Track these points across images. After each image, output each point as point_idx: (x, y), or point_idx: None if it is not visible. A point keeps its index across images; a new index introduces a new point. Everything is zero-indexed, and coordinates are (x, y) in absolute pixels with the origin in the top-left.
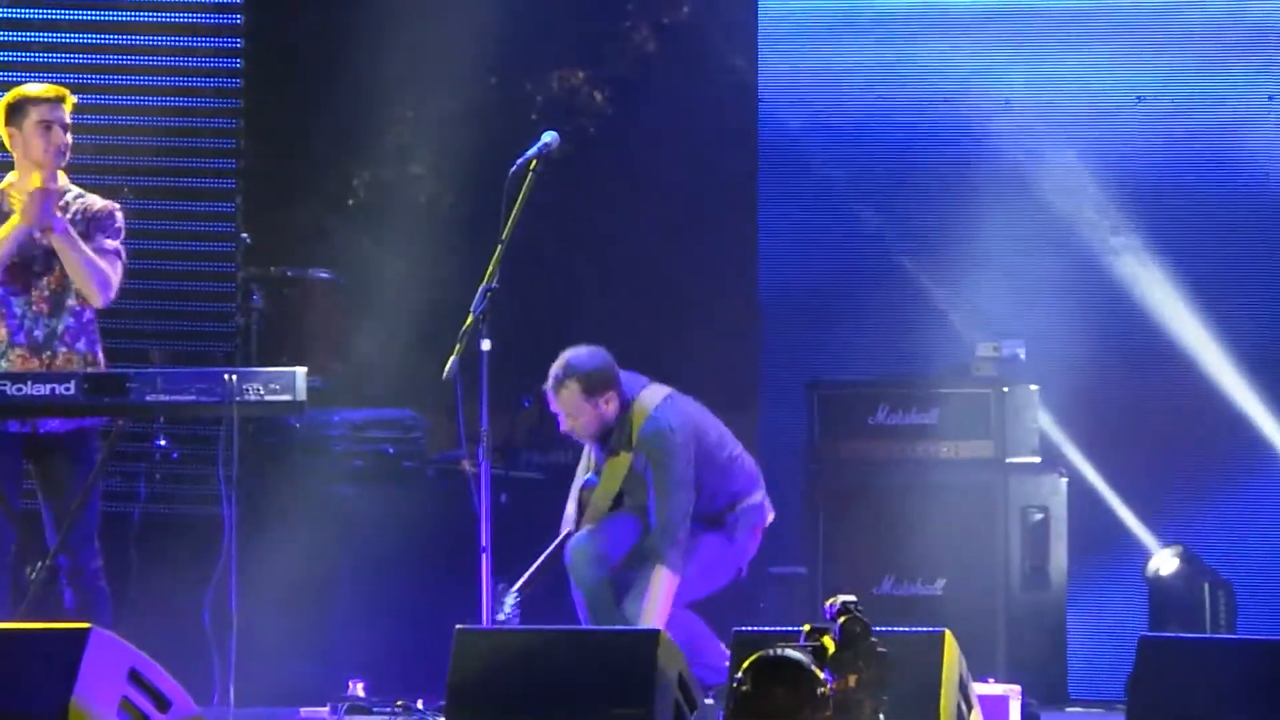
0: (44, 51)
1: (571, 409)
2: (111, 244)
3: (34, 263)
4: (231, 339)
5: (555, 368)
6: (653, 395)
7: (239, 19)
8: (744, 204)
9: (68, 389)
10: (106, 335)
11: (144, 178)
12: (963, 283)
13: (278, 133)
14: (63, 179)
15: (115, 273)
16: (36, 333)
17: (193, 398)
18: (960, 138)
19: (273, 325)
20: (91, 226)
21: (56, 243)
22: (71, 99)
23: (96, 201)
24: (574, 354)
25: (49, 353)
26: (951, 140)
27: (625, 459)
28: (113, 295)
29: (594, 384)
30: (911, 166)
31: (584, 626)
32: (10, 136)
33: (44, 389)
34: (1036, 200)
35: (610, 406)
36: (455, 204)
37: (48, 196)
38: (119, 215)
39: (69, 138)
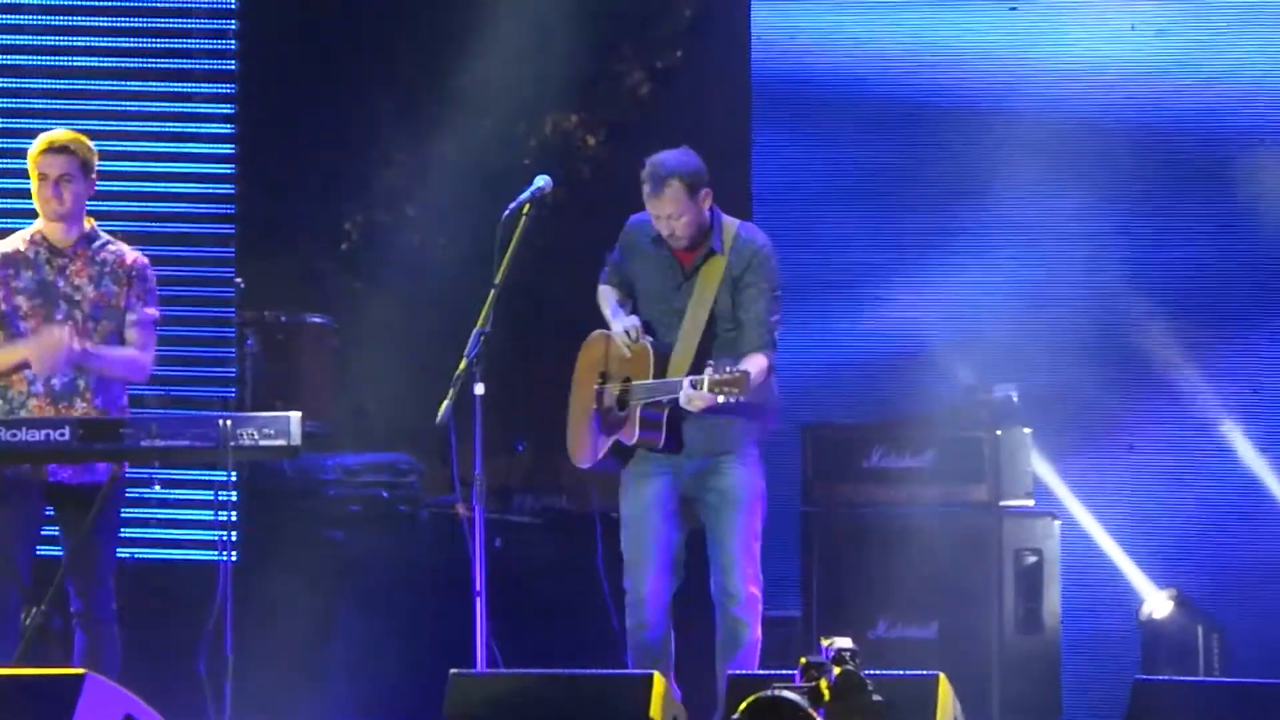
0: (39, 97)
1: (677, 208)
2: (151, 311)
3: (54, 312)
4: (230, 384)
5: (654, 170)
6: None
7: (233, 64)
8: None
9: (63, 435)
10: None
11: (139, 223)
12: (957, 326)
13: (271, 176)
14: (90, 224)
15: (151, 345)
16: (55, 382)
17: (187, 443)
18: (950, 184)
19: (267, 370)
20: (132, 289)
21: (86, 364)
22: (63, 138)
23: (127, 253)
24: (667, 155)
25: (66, 404)
26: (943, 188)
27: (720, 263)
28: (150, 368)
29: (696, 180)
30: (906, 212)
31: (581, 670)
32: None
33: (39, 435)
34: (1030, 245)
35: (708, 204)
36: (448, 247)
37: (56, 349)
38: (150, 272)
39: (73, 186)
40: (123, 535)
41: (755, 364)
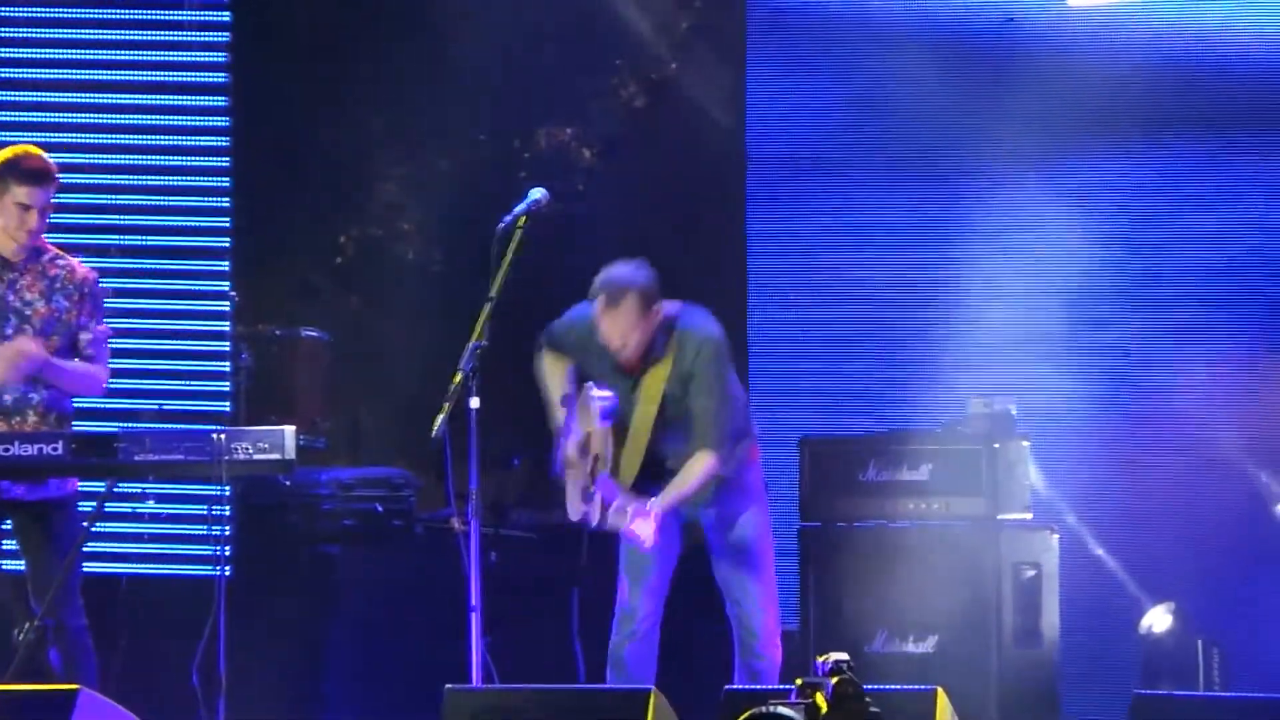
0: (32, 110)
1: (629, 324)
2: (104, 327)
3: (4, 326)
4: (224, 398)
5: (609, 285)
6: (680, 306)
7: (227, 78)
8: (733, 262)
9: (55, 449)
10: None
11: (134, 237)
12: (954, 338)
13: (266, 191)
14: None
15: (106, 360)
16: (6, 397)
17: (181, 457)
18: (945, 198)
19: (261, 384)
20: (86, 304)
21: (44, 375)
22: (49, 168)
23: (78, 268)
24: (621, 269)
25: (19, 418)
26: (937, 201)
27: (665, 367)
28: (106, 384)
29: (651, 295)
30: (903, 223)
31: (576, 685)
32: None
33: (31, 449)
34: (1030, 256)
35: (659, 317)
36: (443, 261)
37: (22, 359)
38: (100, 287)
39: (46, 219)
40: (116, 551)
41: (694, 472)
